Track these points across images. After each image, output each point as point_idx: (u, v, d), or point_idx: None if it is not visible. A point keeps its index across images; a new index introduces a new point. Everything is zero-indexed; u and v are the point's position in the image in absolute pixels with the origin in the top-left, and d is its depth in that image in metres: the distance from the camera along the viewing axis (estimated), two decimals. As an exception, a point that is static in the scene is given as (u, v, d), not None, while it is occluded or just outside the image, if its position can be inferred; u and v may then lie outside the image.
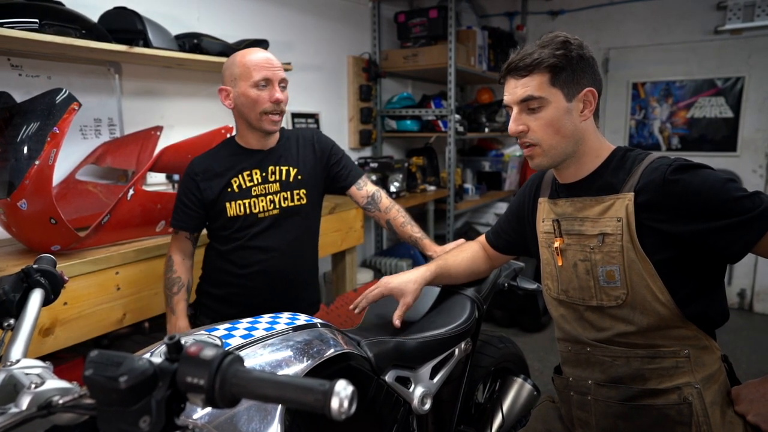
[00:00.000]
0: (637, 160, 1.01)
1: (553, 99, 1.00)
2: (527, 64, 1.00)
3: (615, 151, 1.06)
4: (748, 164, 3.80)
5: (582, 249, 1.05)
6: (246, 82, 1.46)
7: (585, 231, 1.04)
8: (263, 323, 0.99)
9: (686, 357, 0.99)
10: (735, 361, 3.28)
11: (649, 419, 1.01)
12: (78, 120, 1.94)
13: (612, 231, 1.00)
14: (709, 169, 0.95)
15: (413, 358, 1.18)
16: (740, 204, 0.91)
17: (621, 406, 1.03)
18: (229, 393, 0.56)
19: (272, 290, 1.56)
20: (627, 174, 1.01)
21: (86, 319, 1.55)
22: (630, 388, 1.02)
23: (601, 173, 1.05)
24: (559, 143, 1.02)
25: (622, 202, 0.99)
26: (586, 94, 1.01)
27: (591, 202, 1.04)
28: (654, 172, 0.96)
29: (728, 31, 3.67)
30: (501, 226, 1.33)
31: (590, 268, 1.03)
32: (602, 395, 1.06)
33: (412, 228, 1.61)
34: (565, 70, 0.99)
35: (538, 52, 1.00)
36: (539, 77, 0.99)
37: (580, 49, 1.01)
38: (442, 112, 3.43)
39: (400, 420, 1.14)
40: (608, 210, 1.01)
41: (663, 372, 1.00)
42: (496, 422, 1.44)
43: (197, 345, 0.59)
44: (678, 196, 0.93)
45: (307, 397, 0.54)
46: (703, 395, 0.98)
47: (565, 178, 1.10)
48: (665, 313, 0.98)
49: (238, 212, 1.52)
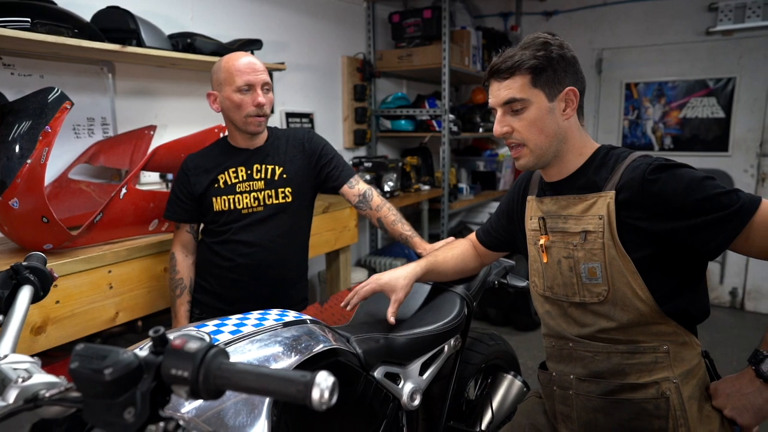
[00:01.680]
0: (619, 159, 1.02)
1: (535, 99, 1.01)
2: (508, 67, 1.01)
3: (598, 150, 1.08)
4: (740, 164, 3.83)
5: (566, 246, 1.06)
6: (230, 86, 1.52)
7: (568, 228, 1.06)
8: (252, 319, 1.00)
9: (665, 352, 1.00)
10: (726, 358, 3.31)
11: (628, 413, 1.02)
12: (71, 119, 1.95)
13: (594, 228, 1.01)
14: (688, 168, 0.97)
15: (403, 354, 1.20)
16: (718, 201, 0.92)
17: (601, 400, 1.05)
18: (213, 385, 0.57)
19: (257, 284, 1.60)
20: (609, 172, 1.02)
21: (78, 317, 1.55)
22: (610, 382, 1.04)
23: (585, 171, 1.06)
24: (543, 142, 1.04)
25: (604, 200, 1.00)
26: (567, 93, 1.03)
27: (574, 200, 1.06)
28: (634, 170, 0.97)
29: (720, 32, 3.70)
30: (491, 224, 1.35)
31: (573, 265, 1.04)
32: (583, 390, 1.07)
33: (403, 226, 1.63)
34: (545, 70, 1.01)
35: (519, 54, 1.01)
36: (521, 79, 1.01)
37: (560, 49, 1.02)
38: (436, 112, 3.44)
39: (389, 415, 1.16)
40: (591, 208, 1.02)
41: (642, 367, 1.01)
42: (486, 418, 1.45)
43: (182, 338, 0.60)
44: (657, 195, 0.95)
45: (289, 388, 0.55)
46: (681, 390, 0.99)
47: (550, 176, 1.12)
48: (645, 310, 0.99)
49: (223, 207, 1.58)
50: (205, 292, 1.66)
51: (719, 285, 3.98)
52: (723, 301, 3.99)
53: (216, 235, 1.62)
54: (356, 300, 1.27)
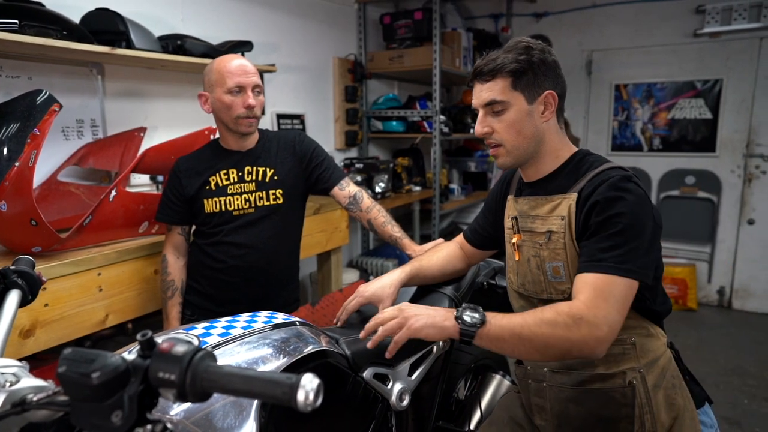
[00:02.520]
0: (592, 166, 1.05)
1: (515, 102, 1.05)
2: (490, 69, 1.05)
3: (575, 155, 1.11)
4: (727, 164, 3.88)
5: (533, 245, 1.10)
6: (221, 88, 1.53)
7: (535, 228, 1.10)
8: (241, 322, 1.01)
9: (632, 344, 1.04)
10: (713, 356, 3.35)
11: (597, 402, 1.06)
12: (60, 121, 1.94)
13: (557, 229, 1.05)
14: (644, 200, 0.98)
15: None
16: (616, 238, 0.95)
17: (572, 390, 1.08)
18: (200, 387, 0.58)
19: (248, 285, 1.61)
20: (579, 177, 1.05)
21: (68, 320, 1.55)
22: (581, 373, 1.07)
23: (558, 174, 1.10)
24: (521, 143, 1.07)
25: (567, 202, 1.04)
26: (546, 97, 1.06)
27: (542, 201, 1.10)
28: (598, 178, 1.01)
29: (707, 34, 3.75)
30: (478, 222, 1.38)
31: (540, 264, 1.09)
32: (556, 381, 1.11)
33: (393, 228, 1.64)
34: (526, 74, 1.04)
35: (501, 57, 1.04)
36: (502, 81, 1.04)
37: (542, 53, 1.05)
38: (427, 113, 3.46)
39: (378, 416, 1.17)
40: (555, 209, 1.06)
41: (611, 358, 1.04)
42: (475, 418, 1.47)
43: (169, 341, 0.60)
44: (592, 204, 0.98)
45: (275, 390, 0.56)
46: (646, 379, 1.03)
47: (527, 176, 1.16)
48: None
49: (214, 209, 1.59)
50: (196, 293, 1.66)
51: (707, 284, 4.03)
52: (711, 300, 4.04)
53: (207, 237, 1.62)
54: (345, 316, 1.30)
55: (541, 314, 0.94)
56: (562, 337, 0.91)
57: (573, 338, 0.91)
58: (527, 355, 0.95)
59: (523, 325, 0.94)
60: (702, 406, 1.13)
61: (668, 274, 3.92)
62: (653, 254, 0.98)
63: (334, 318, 1.32)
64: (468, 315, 0.97)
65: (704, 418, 1.12)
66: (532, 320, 0.94)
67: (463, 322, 0.96)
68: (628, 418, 1.03)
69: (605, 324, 0.91)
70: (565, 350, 0.92)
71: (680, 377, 1.10)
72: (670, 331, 1.16)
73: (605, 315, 0.91)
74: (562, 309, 0.93)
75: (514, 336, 0.94)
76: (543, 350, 0.93)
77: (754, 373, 2.97)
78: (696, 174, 3.97)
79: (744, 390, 2.79)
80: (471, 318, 0.96)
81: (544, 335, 0.91)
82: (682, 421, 1.05)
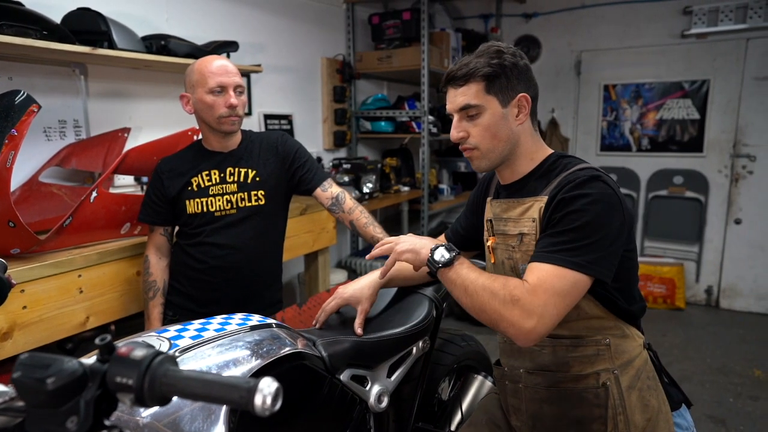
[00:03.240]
0: (565, 168, 1.05)
1: (489, 106, 1.05)
2: (464, 74, 1.05)
3: (549, 157, 1.11)
4: (714, 165, 3.91)
5: (507, 248, 1.10)
6: (202, 88, 1.53)
7: (508, 231, 1.10)
8: (215, 324, 1.00)
9: (607, 345, 1.04)
10: (700, 354, 3.37)
11: (570, 403, 1.06)
12: (41, 121, 1.92)
13: (528, 231, 1.05)
14: (610, 199, 0.97)
15: (370, 356, 1.20)
16: (572, 234, 0.95)
17: (546, 391, 1.09)
18: (159, 392, 0.58)
19: (230, 286, 1.61)
20: (551, 179, 1.05)
21: (47, 322, 1.54)
22: (555, 374, 1.07)
23: (532, 177, 1.10)
24: (496, 146, 1.07)
25: (538, 204, 1.04)
26: (519, 100, 1.06)
27: (514, 204, 1.10)
28: (566, 179, 1.01)
29: (694, 35, 3.77)
30: (459, 223, 1.38)
31: (513, 266, 1.09)
32: (531, 382, 1.11)
33: (374, 228, 1.64)
34: (499, 78, 1.04)
35: (474, 62, 1.05)
36: (475, 86, 1.04)
37: (513, 57, 1.06)
38: (415, 114, 3.46)
39: (356, 418, 1.16)
40: (527, 211, 1.06)
41: (585, 359, 1.05)
42: (456, 419, 1.47)
43: (128, 346, 0.60)
44: (563, 206, 0.98)
45: (233, 394, 0.56)
46: (620, 380, 1.04)
47: (503, 179, 1.16)
48: (583, 304, 1.03)
49: (196, 210, 1.59)
50: (178, 294, 1.65)
51: (695, 283, 4.05)
52: (699, 299, 4.07)
53: (189, 238, 1.62)
54: (324, 317, 1.31)
55: (493, 281, 0.97)
56: (495, 309, 0.94)
57: (504, 314, 0.93)
58: (468, 308, 0.99)
59: (474, 282, 0.98)
60: (678, 408, 1.13)
61: (656, 274, 3.95)
62: (616, 253, 0.97)
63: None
64: (439, 253, 1.04)
65: (680, 421, 1.12)
66: (482, 282, 0.98)
67: (432, 256, 1.04)
68: (601, 419, 1.03)
69: (537, 315, 0.91)
70: (494, 321, 0.96)
71: (656, 379, 1.10)
72: (658, 330, 1.17)
73: (540, 305, 0.92)
74: (509, 284, 0.95)
75: (462, 288, 1.00)
76: (478, 312, 0.98)
77: (740, 372, 2.99)
78: (684, 174, 3.99)
79: (729, 388, 2.81)
80: (440, 256, 1.03)
81: (482, 299, 0.96)
82: (656, 423, 1.05)
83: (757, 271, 3.84)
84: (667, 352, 3.23)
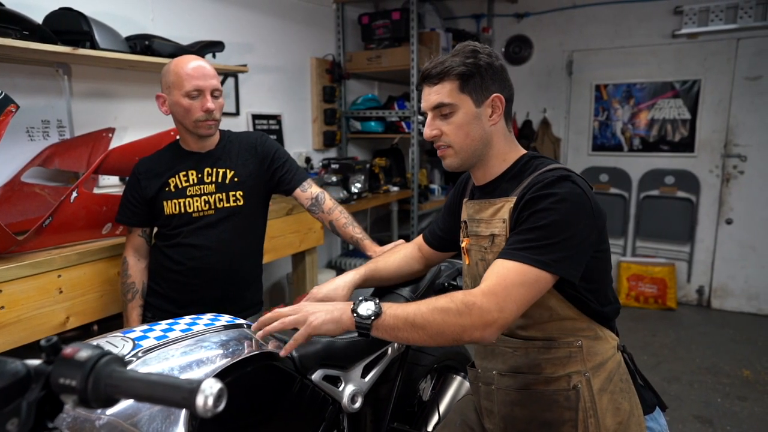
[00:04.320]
0: (537, 169, 1.05)
1: (463, 105, 1.05)
2: (438, 72, 1.05)
3: (521, 157, 1.11)
4: (705, 164, 3.91)
5: (480, 249, 1.10)
6: (179, 91, 1.50)
7: (480, 232, 1.10)
8: (182, 324, 1.00)
9: (579, 347, 1.04)
10: (690, 354, 3.37)
11: (541, 405, 1.06)
12: (24, 121, 1.92)
13: (499, 232, 1.05)
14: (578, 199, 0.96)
15: (343, 357, 1.20)
16: (538, 232, 0.95)
17: (518, 393, 1.08)
18: (104, 393, 0.58)
19: (208, 288, 1.60)
20: (522, 180, 1.05)
21: (25, 323, 1.53)
22: (527, 376, 1.07)
23: (504, 178, 1.10)
24: (469, 146, 1.07)
25: (508, 205, 1.04)
26: (493, 100, 1.06)
27: (486, 205, 1.10)
28: (535, 179, 1.01)
29: (685, 35, 3.77)
30: (437, 224, 1.38)
31: (486, 267, 1.07)
32: (503, 384, 1.11)
33: (354, 229, 1.64)
34: (473, 77, 1.04)
35: (449, 60, 1.04)
36: (449, 84, 1.04)
37: (489, 57, 1.06)
38: (405, 114, 3.46)
39: (328, 418, 1.16)
40: (498, 212, 1.06)
41: (557, 361, 1.04)
42: (433, 420, 1.47)
43: (74, 347, 0.60)
44: (530, 205, 0.98)
45: (175, 395, 0.55)
46: (591, 382, 1.03)
47: (477, 180, 1.16)
48: (555, 305, 1.03)
49: (174, 211, 1.58)
50: (157, 295, 1.65)
51: (687, 283, 4.06)
52: (690, 299, 4.07)
53: (167, 239, 1.61)
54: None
55: (436, 302, 0.95)
56: (453, 323, 0.92)
57: (464, 323, 0.92)
58: (423, 341, 0.96)
59: (416, 313, 0.95)
60: (652, 411, 1.12)
61: (647, 274, 3.95)
62: (583, 253, 0.97)
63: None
64: (363, 308, 0.98)
65: (652, 425, 1.11)
66: (425, 308, 0.95)
67: (359, 315, 0.97)
68: (572, 422, 1.03)
69: (496, 310, 0.91)
70: (456, 335, 0.93)
71: (629, 381, 1.09)
72: (648, 330, 1.16)
73: (498, 302, 0.92)
74: (456, 296, 0.94)
75: (407, 324, 0.95)
76: (436, 336, 0.94)
77: (729, 372, 2.99)
78: (675, 174, 4.00)
79: (717, 389, 2.82)
80: (366, 310, 0.97)
81: (437, 322, 0.93)
82: (628, 426, 1.04)
83: (748, 272, 3.84)
84: (657, 352, 3.23)
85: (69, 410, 0.76)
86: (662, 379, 2.92)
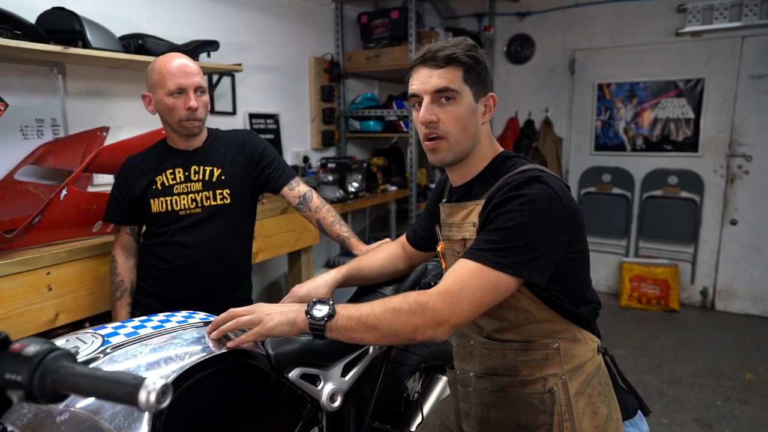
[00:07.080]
0: (509, 170, 1.02)
1: (465, 95, 1.01)
2: (447, 56, 0.99)
3: (497, 157, 1.08)
4: (710, 164, 3.85)
5: (453, 253, 1.08)
6: (162, 89, 1.51)
7: (452, 236, 1.08)
8: (154, 321, 1.00)
9: (556, 350, 1.02)
10: (692, 357, 3.32)
11: (516, 408, 1.04)
12: (18, 120, 1.94)
13: (470, 236, 1.03)
14: (549, 200, 0.94)
15: (322, 356, 1.20)
16: (502, 234, 0.93)
17: (494, 396, 1.06)
18: (50, 389, 0.58)
19: (196, 286, 1.60)
20: (493, 182, 1.02)
21: (14, 319, 1.55)
22: (503, 378, 1.05)
23: (479, 179, 1.07)
24: (464, 140, 1.03)
25: (478, 208, 1.02)
26: (488, 98, 1.05)
27: (457, 208, 1.08)
28: (505, 181, 0.98)
29: (688, 33, 3.73)
30: (419, 224, 1.36)
31: None
32: (480, 386, 1.09)
33: (341, 227, 1.63)
34: (474, 70, 1.02)
35: (452, 48, 1.00)
36: (455, 71, 1.00)
37: (484, 57, 1.04)
38: (403, 113, 3.45)
39: (306, 417, 1.16)
40: (468, 216, 1.04)
41: (533, 363, 1.03)
42: (416, 420, 1.45)
43: (23, 342, 0.60)
44: (497, 207, 0.96)
45: (119, 390, 0.55)
46: (568, 386, 1.01)
47: (454, 181, 1.13)
48: (530, 307, 1.01)
49: (160, 209, 1.58)
50: (145, 294, 1.65)
51: (690, 285, 4.00)
52: (694, 301, 4.01)
53: (155, 237, 1.62)
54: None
55: (389, 302, 0.95)
56: (406, 322, 0.92)
57: (416, 323, 0.92)
58: (377, 341, 0.96)
59: (369, 313, 0.95)
60: (633, 416, 1.09)
61: (650, 275, 3.91)
62: (552, 254, 0.95)
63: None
64: (317, 309, 0.98)
65: (632, 430, 1.08)
66: (379, 308, 0.95)
67: (312, 316, 0.97)
68: (546, 425, 1.01)
69: (449, 310, 0.91)
70: (409, 335, 0.93)
71: (609, 385, 1.07)
72: (650, 332, 1.14)
73: (452, 302, 0.91)
74: (410, 296, 0.94)
75: (360, 324, 0.95)
76: (389, 336, 0.94)
77: (730, 375, 2.95)
78: (679, 174, 3.95)
79: (718, 391, 2.77)
80: (319, 312, 0.97)
81: (389, 321, 0.93)
82: (605, 430, 1.02)
83: (753, 273, 3.78)
84: (658, 354, 3.19)
85: (30, 407, 0.76)
86: (662, 381, 2.88)
